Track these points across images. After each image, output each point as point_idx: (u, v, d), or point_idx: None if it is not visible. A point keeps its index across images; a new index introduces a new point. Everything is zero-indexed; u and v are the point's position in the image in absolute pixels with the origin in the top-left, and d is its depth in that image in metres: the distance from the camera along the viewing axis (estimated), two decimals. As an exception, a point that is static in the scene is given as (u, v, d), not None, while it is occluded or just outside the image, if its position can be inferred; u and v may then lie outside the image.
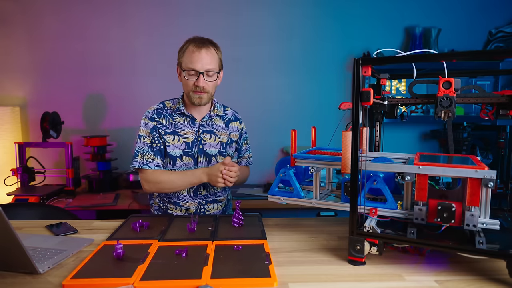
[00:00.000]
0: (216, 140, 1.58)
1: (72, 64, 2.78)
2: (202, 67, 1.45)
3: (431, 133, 2.94)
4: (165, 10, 2.78)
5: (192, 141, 1.55)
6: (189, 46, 1.48)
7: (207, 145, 1.56)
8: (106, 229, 1.30)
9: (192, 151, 1.55)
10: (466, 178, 0.89)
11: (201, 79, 1.45)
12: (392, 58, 0.99)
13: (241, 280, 0.87)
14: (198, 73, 1.45)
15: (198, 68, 1.45)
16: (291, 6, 2.83)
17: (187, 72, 1.46)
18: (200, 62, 1.44)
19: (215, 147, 1.57)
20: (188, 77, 1.47)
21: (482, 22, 2.88)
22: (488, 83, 2.76)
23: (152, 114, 1.55)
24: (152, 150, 1.52)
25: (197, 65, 1.44)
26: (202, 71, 1.45)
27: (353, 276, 0.93)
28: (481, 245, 0.87)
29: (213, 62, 1.48)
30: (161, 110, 1.57)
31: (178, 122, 1.56)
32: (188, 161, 1.54)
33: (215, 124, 1.60)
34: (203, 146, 1.55)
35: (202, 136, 1.56)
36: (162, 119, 1.55)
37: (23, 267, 0.94)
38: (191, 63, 1.45)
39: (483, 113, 1.03)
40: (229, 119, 1.65)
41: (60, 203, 2.26)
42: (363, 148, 1.16)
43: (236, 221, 1.27)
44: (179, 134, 1.54)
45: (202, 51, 1.45)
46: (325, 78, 2.90)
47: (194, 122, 1.57)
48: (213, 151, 1.57)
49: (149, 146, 1.52)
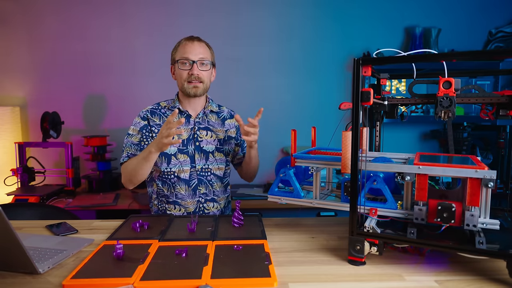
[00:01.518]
0: (212, 136, 1.58)
1: (72, 64, 2.78)
2: (195, 56, 1.49)
3: (431, 133, 2.94)
4: (165, 10, 2.78)
5: (187, 138, 1.54)
6: (181, 41, 1.54)
7: (203, 141, 1.56)
8: (106, 229, 1.30)
9: (187, 148, 1.54)
10: (466, 178, 0.89)
11: (195, 67, 1.48)
12: (392, 58, 0.99)
13: (241, 280, 0.87)
14: (192, 62, 1.48)
15: (191, 57, 1.48)
16: (291, 6, 2.83)
17: (181, 62, 1.49)
18: (193, 52, 1.49)
19: (212, 143, 1.57)
20: (182, 66, 1.49)
21: (482, 22, 2.88)
22: (488, 83, 2.76)
23: (145, 113, 1.57)
24: (138, 148, 1.53)
25: (190, 54, 1.48)
26: (195, 59, 1.48)
27: (353, 276, 0.93)
28: (481, 245, 0.87)
29: (206, 52, 1.53)
30: (155, 110, 1.58)
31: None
32: (183, 158, 1.53)
33: (210, 120, 1.60)
34: (199, 143, 1.55)
35: (198, 133, 1.56)
36: (156, 118, 1.56)
37: (23, 267, 0.94)
38: (184, 53, 1.49)
39: (483, 113, 1.03)
40: (224, 116, 1.65)
41: (60, 203, 2.26)
42: (363, 148, 1.16)
43: (236, 221, 1.27)
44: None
45: (195, 42, 1.51)
46: (325, 78, 2.90)
47: (189, 119, 1.57)
48: (210, 148, 1.56)
49: (135, 144, 1.53)
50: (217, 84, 2.82)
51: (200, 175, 1.55)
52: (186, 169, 1.54)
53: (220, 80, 2.85)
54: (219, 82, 2.84)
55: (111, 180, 2.61)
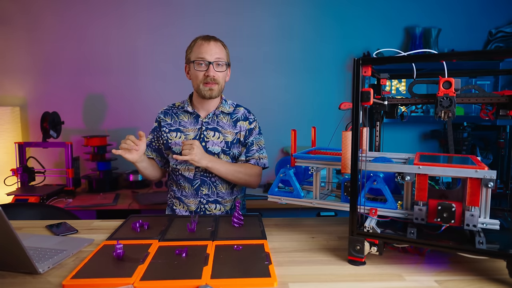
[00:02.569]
0: (220, 138, 1.55)
1: (72, 64, 2.79)
2: (211, 56, 1.47)
3: (431, 133, 2.94)
4: (165, 10, 2.78)
5: (193, 138, 1.54)
6: (197, 40, 1.53)
7: (210, 142, 1.54)
8: (106, 229, 1.30)
9: None
10: (466, 178, 0.89)
11: (211, 68, 1.47)
12: (392, 58, 0.99)
13: (241, 280, 0.87)
14: (208, 63, 1.47)
15: (208, 58, 1.47)
16: (291, 6, 2.83)
17: (197, 63, 1.48)
18: (209, 52, 1.47)
19: (218, 145, 1.54)
20: (198, 67, 1.48)
21: (482, 22, 2.88)
22: (488, 83, 2.76)
23: (159, 115, 1.63)
24: (148, 147, 1.62)
25: (206, 54, 1.47)
26: (211, 60, 1.47)
27: (353, 276, 0.93)
28: (481, 245, 0.87)
29: (222, 52, 1.51)
30: (169, 110, 1.63)
31: (182, 119, 1.58)
32: None
33: (221, 121, 1.58)
34: (206, 143, 1.54)
35: (205, 133, 1.55)
36: (168, 117, 1.60)
37: (23, 267, 0.94)
38: (200, 53, 1.48)
39: (483, 113, 1.03)
40: (238, 118, 1.60)
41: (60, 203, 2.26)
42: (363, 148, 1.15)
43: (236, 221, 1.26)
44: (182, 131, 1.57)
45: (211, 42, 1.49)
46: (325, 78, 2.90)
47: (197, 120, 1.57)
48: (216, 149, 1.54)
49: (148, 144, 1.61)
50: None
51: (203, 176, 1.55)
52: (191, 168, 1.54)
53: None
54: (219, 82, 2.85)
55: (111, 180, 2.61)
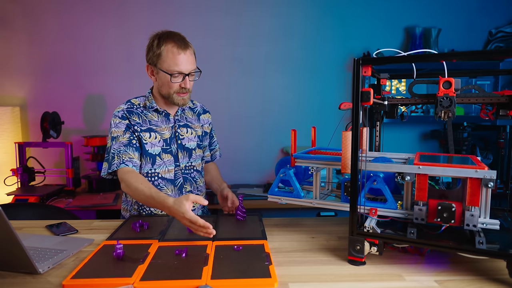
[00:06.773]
0: (192, 133, 1.59)
1: (72, 64, 2.78)
2: (187, 68, 1.43)
3: (431, 133, 2.94)
4: (165, 10, 2.78)
5: (170, 137, 1.53)
6: (168, 47, 1.42)
7: (185, 139, 1.55)
8: (106, 229, 1.30)
9: (170, 147, 1.52)
10: (466, 178, 0.89)
11: (187, 80, 1.44)
12: (392, 58, 0.99)
13: (241, 280, 0.87)
14: (184, 75, 1.43)
15: (184, 70, 1.42)
16: (291, 6, 2.83)
17: (174, 76, 1.42)
18: (185, 64, 1.42)
19: (193, 140, 1.58)
20: (174, 79, 1.43)
21: (482, 22, 2.88)
22: (488, 83, 2.76)
23: (122, 113, 1.48)
24: (130, 148, 1.44)
25: (182, 66, 1.42)
26: (187, 72, 1.43)
27: (353, 276, 0.93)
28: (481, 245, 0.87)
29: (194, 61, 1.48)
30: (131, 108, 1.51)
31: (152, 119, 1.52)
32: (167, 158, 1.51)
33: (188, 117, 1.61)
34: (181, 141, 1.54)
35: (179, 131, 1.55)
36: (135, 116, 1.49)
37: (23, 267, 0.94)
38: (176, 66, 1.41)
39: (483, 113, 1.03)
40: (198, 111, 1.66)
41: (60, 203, 2.26)
42: (363, 148, 1.16)
43: (240, 214, 1.31)
44: (155, 131, 1.50)
45: (187, 52, 1.43)
46: (325, 78, 2.90)
47: (168, 118, 1.54)
48: (192, 145, 1.57)
49: (126, 144, 1.44)
50: (218, 84, 2.83)
51: (184, 173, 1.54)
52: (170, 168, 1.52)
53: (221, 80, 2.86)
54: (220, 82, 2.85)
55: (111, 180, 2.60)
